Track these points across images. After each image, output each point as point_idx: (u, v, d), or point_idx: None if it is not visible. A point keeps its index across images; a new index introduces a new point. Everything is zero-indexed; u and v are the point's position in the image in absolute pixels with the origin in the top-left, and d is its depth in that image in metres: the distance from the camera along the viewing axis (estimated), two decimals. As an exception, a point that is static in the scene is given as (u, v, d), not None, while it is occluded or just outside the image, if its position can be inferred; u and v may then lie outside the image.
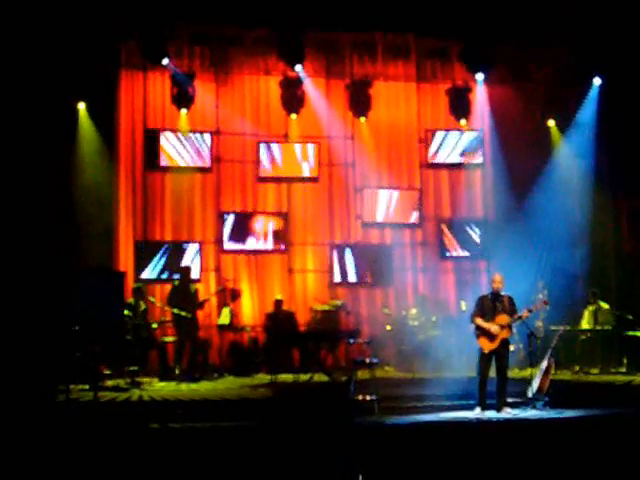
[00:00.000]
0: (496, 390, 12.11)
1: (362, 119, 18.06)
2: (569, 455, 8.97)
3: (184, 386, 14.15)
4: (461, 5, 16.27)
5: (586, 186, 17.71)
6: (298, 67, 17.27)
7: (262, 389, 13.90)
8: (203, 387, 14.13)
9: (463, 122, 18.35)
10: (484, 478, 8.32)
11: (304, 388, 13.76)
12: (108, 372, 14.24)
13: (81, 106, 16.51)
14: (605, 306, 16.14)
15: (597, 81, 17.88)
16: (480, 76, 17.97)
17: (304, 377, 14.21)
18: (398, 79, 18.42)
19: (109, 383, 13.78)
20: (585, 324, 16.12)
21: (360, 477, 7.73)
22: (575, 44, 17.00)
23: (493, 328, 11.95)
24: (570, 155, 18.05)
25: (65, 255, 15.00)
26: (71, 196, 15.93)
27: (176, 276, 16.41)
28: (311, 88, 17.77)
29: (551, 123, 18.40)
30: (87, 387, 12.83)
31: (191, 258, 17.03)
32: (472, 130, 18.50)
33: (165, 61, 16.64)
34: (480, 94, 18.50)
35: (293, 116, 17.75)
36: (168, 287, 16.01)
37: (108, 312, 11.22)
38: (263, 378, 15.04)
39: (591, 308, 16.18)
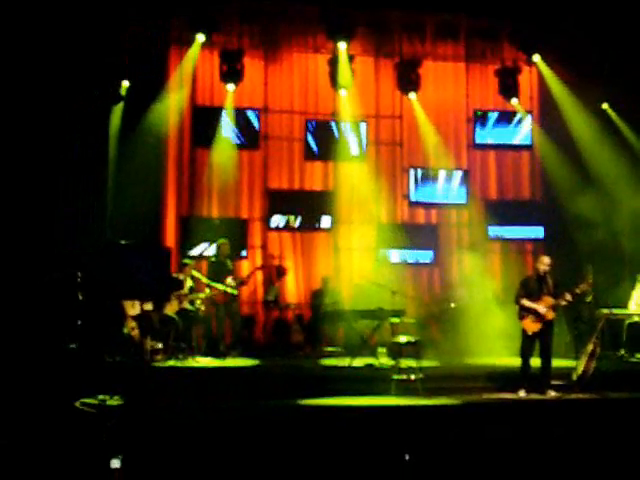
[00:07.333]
0: (540, 372, 12.11)
1: (411, 98, 17.96)
2: (613, 437, 8.96)
3: (229, 362, 14.28)
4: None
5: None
6: (344, 45, 16.95)
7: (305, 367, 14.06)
8: (247, 363, 14.26)
9: (514, 101, 18.16)
10: (526, 459, 8.32)
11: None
12: (158, 347, 14.19)
13: (126, 83, 16.36)
14: (655, 290, 15.97)
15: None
16: (531, 56, 17.76)
17: (345, 362, 14.21)
18: (447, 59, 18.34)
19: (158, 358, 13.85)
20: (632, 308, 15.94)
21: (406, 457, 7.76)
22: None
23: (541, 308, 11.95)
24: (623, 137, 17.85)
25: (111, 231, 15.12)
26: (118, 172, 16.05)
27: (212, 252, 16.55)
28: (359, 67, 17.65)
29: (605, 105, 18.13)
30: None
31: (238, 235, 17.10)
32: (521, 111, 18.36)
33: (202, 38, 16.57)
34: (530, 74, 18.39)
35: (341, 94, 17.69)
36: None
37: (155, 287, 11.26)
38: (305, 362, 15.06)
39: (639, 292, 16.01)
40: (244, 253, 17.22)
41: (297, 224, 17.63)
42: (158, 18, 16.32)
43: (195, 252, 16.85)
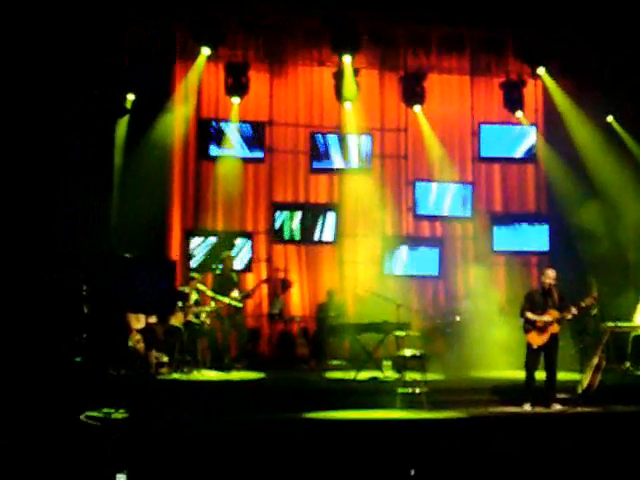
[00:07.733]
0: (545, 386, 12.09)
1: (416, 111, 17.97)
2: (618, 451, 8.95)
3: (234, 375, 14.29)
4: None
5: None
6: (349, 58, 16.92)
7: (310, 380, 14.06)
8: (252, 376, 14.26)
9: (519, 114, 18.14)
10: (531, 473, 8.32)
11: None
12: (163, 360, 14.21)
13: (130, 97, 16.39)
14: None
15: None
16: (535, 69, 17.77)
17: (350, 375, 14.23)
18: (452, 72, 18.37)
19: (163, 371, 13.88)
20: (638, 321, 15.90)
21: (412, 472, 7.76)
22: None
23: (545, 317, 11.92)
24: (628, 149, 17.85)
25: (116, 243, 15.14)
26: (123, 184, 16.08)
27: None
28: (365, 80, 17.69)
29: (610, 118, 18.11)
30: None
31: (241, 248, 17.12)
32: (526, 124, 18.35)
33: (207, 51, 16.60)
34: (535, 87, 18.42)
35: (346, 107, 17.70)
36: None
37: (160, 301, 11.26)
38: (310, 375, 15.06)
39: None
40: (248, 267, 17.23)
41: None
42: (164, 31, 16.38)
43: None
